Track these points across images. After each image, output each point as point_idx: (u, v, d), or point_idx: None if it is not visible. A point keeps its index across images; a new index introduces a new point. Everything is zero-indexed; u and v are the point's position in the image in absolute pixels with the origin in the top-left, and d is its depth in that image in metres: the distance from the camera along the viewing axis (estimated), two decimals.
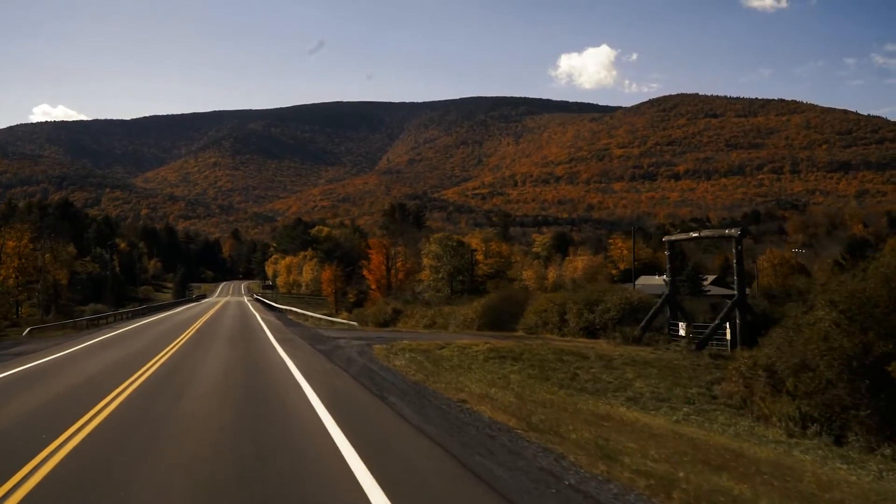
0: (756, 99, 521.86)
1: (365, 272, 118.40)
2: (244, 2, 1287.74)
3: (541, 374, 26.25)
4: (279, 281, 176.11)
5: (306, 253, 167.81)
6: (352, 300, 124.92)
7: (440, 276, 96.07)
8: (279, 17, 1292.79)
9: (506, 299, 55.01)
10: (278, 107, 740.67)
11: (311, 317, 67.65)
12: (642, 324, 39.76)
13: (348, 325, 58.10)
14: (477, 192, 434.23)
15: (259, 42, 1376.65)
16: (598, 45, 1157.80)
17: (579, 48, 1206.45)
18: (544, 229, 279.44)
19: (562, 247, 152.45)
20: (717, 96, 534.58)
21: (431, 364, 24.93)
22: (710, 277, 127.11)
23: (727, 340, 34.91)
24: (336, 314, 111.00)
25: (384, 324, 78.67)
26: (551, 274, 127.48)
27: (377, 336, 36.63)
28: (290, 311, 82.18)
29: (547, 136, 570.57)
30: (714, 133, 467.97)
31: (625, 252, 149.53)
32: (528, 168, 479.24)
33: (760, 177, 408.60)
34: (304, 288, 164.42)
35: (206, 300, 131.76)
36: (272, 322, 52.40)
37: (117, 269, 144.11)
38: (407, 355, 26.49)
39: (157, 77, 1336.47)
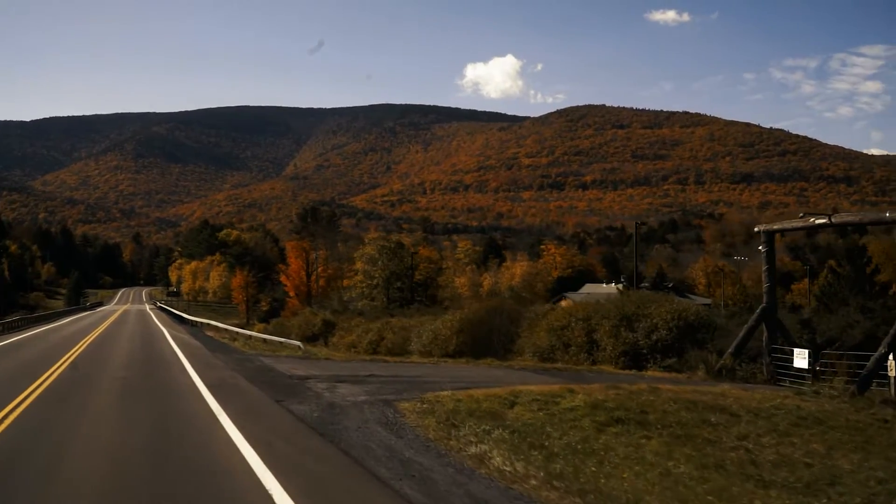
0: (661, 111, 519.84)
1: (282, 278, 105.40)
2: (149, 2, 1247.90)
3: (700, 456, 14.09)
4: (184, 287, 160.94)
5: (214, 258, 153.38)
6: (265, 308, 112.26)
7: (375, 282, 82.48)
8: (184, 18, 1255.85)
9: (494, 312, 41.61)
10: (183, 110, 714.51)
11: (240, 334, 52.78)
12: (732, 349, 27.16)
13: (285, 343, 43.99)
14: (386, 198, 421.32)
15: (163, 43, 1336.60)
16: (503, 55, 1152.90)
17: (485, 58, 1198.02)
18: (454, 237, 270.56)
19: (493, 253, 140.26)
20: (624, 108, 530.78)
21: (537, 451, 12.48)
22: (646, 283, 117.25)
23: (891, 378, 22.86)
24: (248, 324, 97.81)
25: (313, 338, 65.39)
26: (486, 281, 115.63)
27: (365, 374, 22.76)
28: (206, 324, 66.89)
29: (456, 144, 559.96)
30: (620, 144, 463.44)
31: (558, 259, 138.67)
32: (438, 176, 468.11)
33: (666, 187, 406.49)
34: (211, 295, 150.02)
35: (103, 309, 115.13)
36: (188, 345, 36.87)
37: (6, 273, 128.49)
38: (486, 431, 13.35)
39: (59, 77, 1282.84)
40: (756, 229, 28.65)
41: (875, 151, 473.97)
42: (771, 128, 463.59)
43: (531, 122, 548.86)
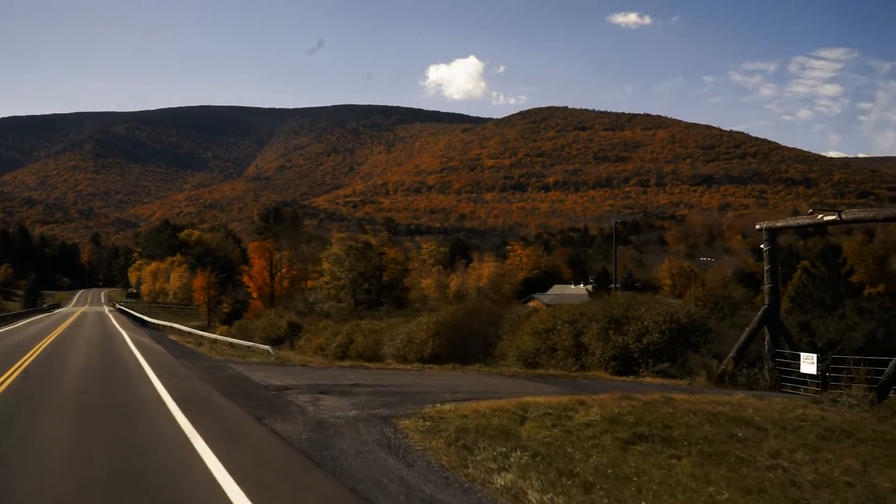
0: (623, 113, 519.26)
1: (245, 279, 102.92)
2: (110, 1, 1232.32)
3: (738, 478, 12.60)
4: (144, 289, 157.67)
5: (175, 258, 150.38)
6: (226, 310, 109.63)
7: (341, 283, 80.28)
8: (145, 17, 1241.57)
9: (472, 314, 39.72)
10: (144, 109, 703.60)
11: (205, 338, 50.25)
12: (734, 353, 25.52)
13: (253, 348, 41.74)
14: (348, 199, 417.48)
15: (124, 42, 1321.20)
16: (466, 56, 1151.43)
17: (448, 59, 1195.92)
18: (417, 238, 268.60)
19: (459, 254, 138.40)
20: (586, 110, 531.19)
21: (568, 478, 10.70)
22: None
23: None
24: (209, 326, 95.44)
25: (278, 341, 63.40)
26: (454, 282, 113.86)
27: (348, 383, 20.64)
28: (169, 327, 64.21)
29: (419, 145, 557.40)
30: (583, 146, 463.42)
31: (524, 259, 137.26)
32: (400, 177, 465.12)
33: (627, 189, 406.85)
34: (171, 296, 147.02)
35: (60, 310, 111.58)
36: (151, 350, 34.38)
37: None
38: (503, 454, 11.48)
39: (17, 77, 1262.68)
40: (758, 227, 27.08)
41: (833, 154, 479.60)
42: (731, 130, 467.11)
43: (494, 124, 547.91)
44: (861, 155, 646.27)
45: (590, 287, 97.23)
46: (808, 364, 23.60)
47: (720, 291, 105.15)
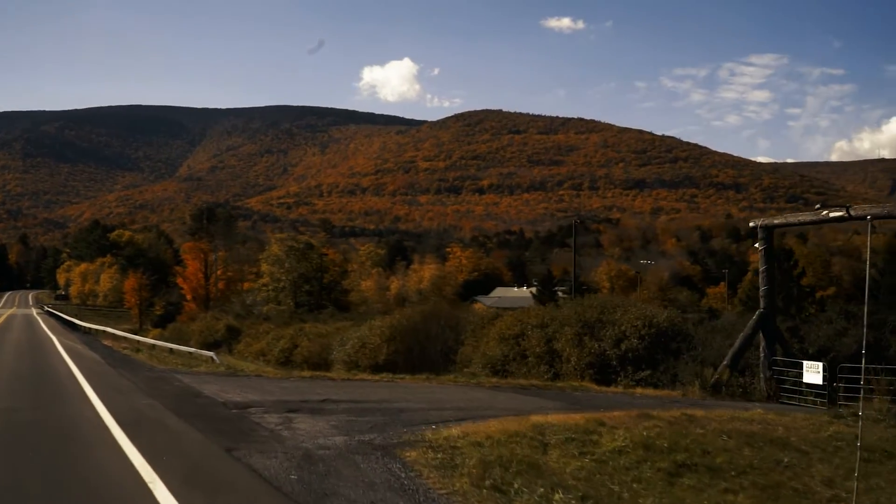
0: (557, 117, 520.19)
1: (179, 280, 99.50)
2: None
3: None
4: (73, 290, 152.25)
5: (105, 259, 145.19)
6: (159, 312, 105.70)
7: (281, 285, 77.25)
8: (75, 13, 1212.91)
9: (430, 317, 37.17)
10: (73, 108, 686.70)
11: (142, 343, 46.82)
12: (728, 360, 23.52)
13: (196, 354, 38.72)
14: (282, 201, 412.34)
15: (53, 40, 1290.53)
16: (400, 58, 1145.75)
17: (382, 61, 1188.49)
18: (352, 240, 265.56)
19: (399, 256, 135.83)
20: (520, 113, 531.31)
21: None
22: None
23: None
24: (141, 329, 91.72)
25: (215, 345, 60.25)
26: (394, 284, 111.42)
27: (317, 398, 17.86)
28: (102, 331, 60.36)
29: (353, 147, 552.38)
30: (517, 149, 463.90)
31: (464, 262, 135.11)
32: (335, 178, 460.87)
33: (561, 192, 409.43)
34: (102, 298, 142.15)
35: None
36: (85, 358, 30.81)
37: None
38: (545, 496, 9.14)
39: None
40: (752, 224, 25.06)
41: (762, 159, 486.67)
42: (663, 135, 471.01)
43: (429, 126, 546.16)
44: (790, 160, 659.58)
45: (533, 290, 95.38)
46: (813, 373, 21.59)
47: (660, 295, 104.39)
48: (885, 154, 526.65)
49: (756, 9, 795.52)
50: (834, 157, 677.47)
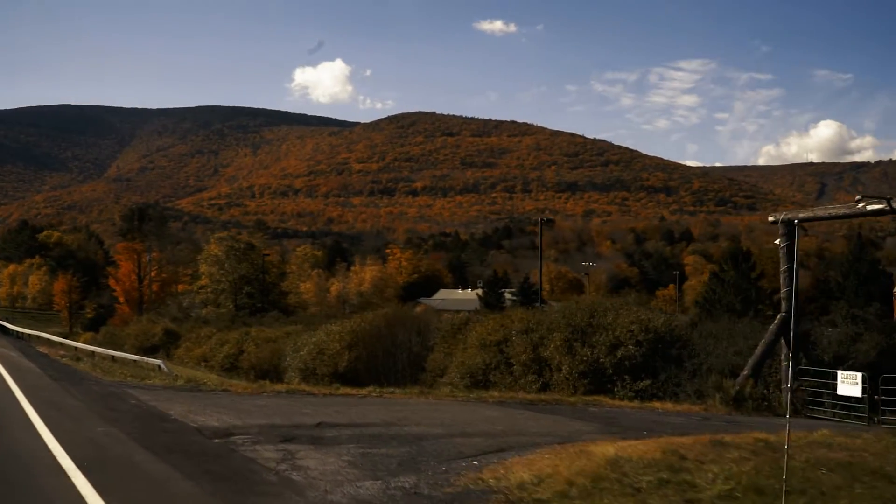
0: (490, 119, 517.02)
1: (111, 282, 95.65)
2: None
3: None
4: (2, 293, 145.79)
5: (34, 261, 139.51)
6: (90, 315, 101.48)
7: (221, 286, 73.58)
8: (2, 14, 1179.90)
9: (396, 322, 34.22)
10: (2, 108, 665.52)
11: (81, 350, 42.89)
12: (748, 369, 21.18)
13: (140, 363, 35.22)
14: (213, 202, 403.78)
15: None
16: (332, 59, 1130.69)
17: (314, 62, 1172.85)
18: (285, 241, 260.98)
19: (339, 257, 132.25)
20: (454, 115, 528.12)
21: None
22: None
23: None
24: (71, 333, 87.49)
25: (152, 349, 56.78)
26: (335, 287, 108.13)
27: (310, 422, 14.83)
28: (35, 336, 56.15)
29: (286, 148, 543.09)
30: (450, 151, 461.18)
31: (404, 263, 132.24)
32: (267, 180, 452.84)
33: (494, 195, 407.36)
34: (30, 301, 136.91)
35: None
36: (21, 369, 26.59)
37: None
38: None
39: None
40: (771, 219, 22.64)
41: (691, 163, 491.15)
42: (594, 138, 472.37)
43: (362, 128, 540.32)
44: (717, 164, 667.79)
45: (479, 291, 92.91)
46: (850, 384, 19.28)
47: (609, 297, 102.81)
48: (814, 158, 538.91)
49: (685, 14, 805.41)
50: (761, 161, 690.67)
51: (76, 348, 44.89)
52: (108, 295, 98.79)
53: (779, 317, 21.90)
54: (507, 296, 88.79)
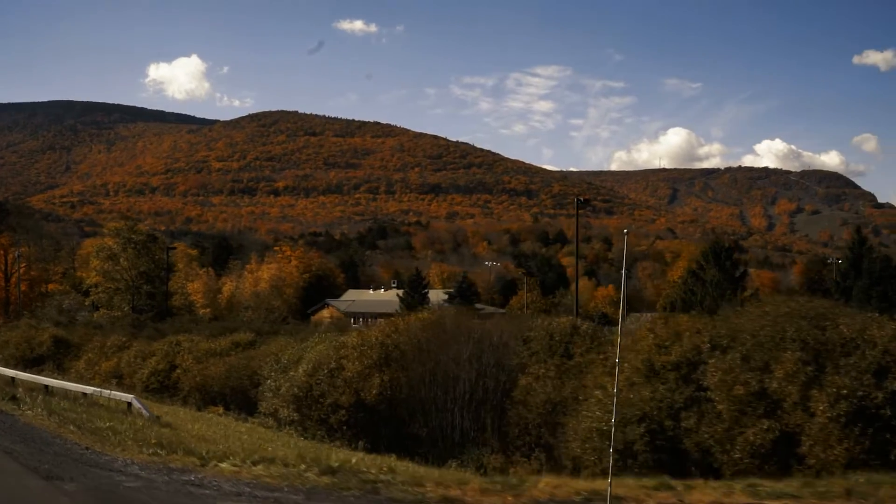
0: (353, 120, 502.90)
1: None
2: None
3: None
4: None
5: None
6: None
7: (118, 285, 60.79)
8: None
9: (451, 330, 23.43)
10: None
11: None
12: None
13: (92, 395, 23.30)
14: (66, 200, 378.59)
15: None
16: (188, 55, 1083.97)
17: (169, 57, 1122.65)
18: None
19: (229, 255, 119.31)
20: (316, 115, 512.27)
21: None
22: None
23: None
24: None
25: (38, 360, 44.49)
26: (227, 287, 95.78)
27: None
28: None
29: (142, 145, 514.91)
30: (313, 151, 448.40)
31: (294, 262, 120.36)
32: (122, 177, 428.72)
33: (357, 196, 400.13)
34: None
35: None
36: None
37: None
38: None
39: None
40: None
41: (548, 167, 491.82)
42: (457, 141, 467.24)
43: (222, 126, 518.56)
44: (573, 168, 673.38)
45: (399, 292, 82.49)
46: None
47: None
48: (665, 164, 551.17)
49: (542, 20, 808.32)
50: (614, 167, 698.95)
51: None
52: None
53: None
54: (434, 297, 78.79)
